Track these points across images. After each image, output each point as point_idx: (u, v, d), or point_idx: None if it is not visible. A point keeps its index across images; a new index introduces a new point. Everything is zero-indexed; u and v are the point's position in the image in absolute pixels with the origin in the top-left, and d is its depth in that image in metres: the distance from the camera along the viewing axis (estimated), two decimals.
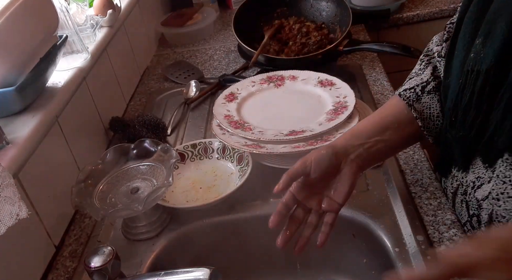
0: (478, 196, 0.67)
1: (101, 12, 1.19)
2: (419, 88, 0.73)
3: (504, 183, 0.61)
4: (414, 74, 0.77)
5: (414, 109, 0.73)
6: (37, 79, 0.87)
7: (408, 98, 0.73)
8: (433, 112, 0.73)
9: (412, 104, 0.73)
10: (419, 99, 0.73)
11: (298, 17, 1.39)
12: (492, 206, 0.65)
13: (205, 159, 0.98)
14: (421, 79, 0.74)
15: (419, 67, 0.77)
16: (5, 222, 0.63)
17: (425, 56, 0.78)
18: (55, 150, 0.89)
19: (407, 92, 0.74)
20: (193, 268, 0.65)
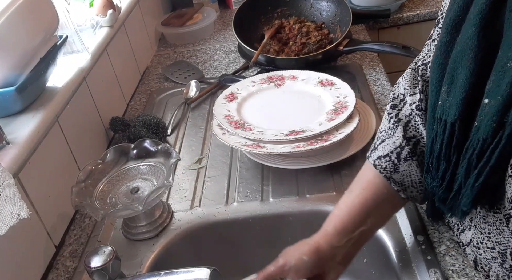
0: (463, 240, 0.66)
1: (101, 12, 1.19)
2: (394, 156, 0.65)
3: (482, 233, 0.59)
4: (385, 134, 0.67)
5: (393, 182, 0.65)
6: (37, 79, 0.87)
7: (385, 169, 0.65)
8: (414, 179, 0.65)
9: (391, 176, 0.65)
10: (396, 169, 0.65)
11: (298, 17, 1.39)
12: (475, 253, 0.64)
13: None
14: (394, 143, 0.65)
15: (388, 125, 0.67)
16: (6, 222, 0.63)
17: (392, 107, 0.67)
18: (55, 150, 0.89)
19: (382, 161, 0.66)
20: (193, 268, 0.64)
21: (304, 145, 0.89)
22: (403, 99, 0.67)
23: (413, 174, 0.65)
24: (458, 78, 0.53)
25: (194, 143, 1.09)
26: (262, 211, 0.87)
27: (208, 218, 0.87)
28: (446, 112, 0.54)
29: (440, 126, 0.56)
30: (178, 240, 0.85)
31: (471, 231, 0.63)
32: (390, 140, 0.66)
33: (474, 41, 0.51)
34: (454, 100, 0.53)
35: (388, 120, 0.67)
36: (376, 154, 0.67)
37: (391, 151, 0.65)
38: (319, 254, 0.64)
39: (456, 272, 0.68)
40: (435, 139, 0.57)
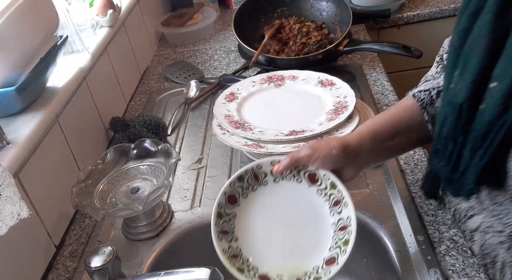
0: (470, 226, 0.67)
1: (101, 12, 1.19)
2: (434, 92, 0.72)
3: (493, 216, 0.61)
4: (431, 77, 0.75)
5: (426, 112, 0.71)
6: (38, 79, 0.87)
7: (422, 100, 0.72)
8: None
9: (426, 107, 0.71)
10: (432, 102, 0.71)
11: (298, 17, 1.39)
12: (483, 238, 0.65)
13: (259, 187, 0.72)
14: (438, 83, 0.72)
15: (436, 70, 0.75)
16: (7, 222, 0.63)
17: (440, 59, 0.76)
18: (55, 150, 0.89)
19: (422, 93, 0.72)
20: (193, 268, 0.64)
21: (304, 145, 0.89)
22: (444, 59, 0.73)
23: None
24: (470, 63, 0.56)
25: (194, 143, 1.09)
26: None
27: (208, 218, 0.87)
28: (457, 94, 0.57)
29: (449, 108, 0.59)
30: (178, 240, 0.85)
31: (482, 215, 0.64)
32: (434, 81, 0.73)
33: (488, 27, 0.54)
34: (465, 83, 0.56)
35: (436, 66, 0.75)
36: (418, 89, 0.74)
37: (433, 87, 0.72)
38: (347, 151, 0.67)
39: (456, 272, 0.68)
40: (445, 121, 0.60)
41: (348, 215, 0.65)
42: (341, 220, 0.66)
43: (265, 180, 0.70)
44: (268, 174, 0.70)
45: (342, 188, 0.66)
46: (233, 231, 0.69)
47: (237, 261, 0.67)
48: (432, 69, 0.76)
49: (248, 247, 0.68)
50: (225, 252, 0.67)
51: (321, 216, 0.68)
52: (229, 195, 0.70)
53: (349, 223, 0.64)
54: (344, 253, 0.64)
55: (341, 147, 0.66)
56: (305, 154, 0.67)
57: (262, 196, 0.70)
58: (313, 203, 0.68)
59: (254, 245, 0.68)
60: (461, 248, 0.71)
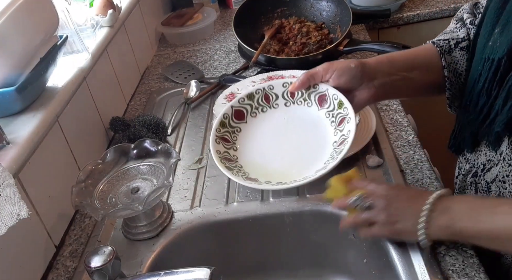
0: (487, 178, 0.69)
1: (101, 12, 1.19)
2: (453, 42, 0.75)
3: (510, 165, 0.63)
4: (449, 31, 0.78)
5: (444, 59, 0.74)
6: (38, 79, 0.87)
7: (441, 47, 0.75)
8: (459, 68, 0.74)
9: (444, 54, 0.75)
10: (450, 51, 0.75)
11: (298, 17, 1.39)
12: (499, 188, 0.66)
13: (269, 109, 0.74)
14: (457, 35, 0.76)
15: (455, 26, 0.78)
16: (6, 222, 0.63)
17: (459, 19, 0.79)
18: (55, 150, 0.89)
19: (441, 42, 0.76)
20: (193, 268, 0.65)
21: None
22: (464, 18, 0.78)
23: (460, 63, 0.74)
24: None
25: (194, 143, 1.09)
26: (262, 211, 0.87)
27: (208, 218, 0.87)
28: (496, 50, 0.60)
29: (487, 64, 0.61)
30: (178, 240, 0.85)
31: (499, 166, 0.65)
32: (454, 33, 0.77)
33: None
34: (506, 38, 0.59)
35: (455, 23, 0.79)
36: (438, 37, 0.78)
37: (452, 38, 0.76)
38: (364, 67, 0.68)
39: (456, 272, 0.68)
40: (478, 78, 0.63)
41: (349, 129, 0.66)
42: (342, 136, 0.66)
43: (276, 102, 0.71)
44: (280, 96, 0.70)
45: (348, 106, 0.66)
46: (234, 142, 0.69)
47: (230, 163, 0.66)
48: (451, 25, 0.80)
49: (245, 158, 0.68)
50: (219, 153, 0.66)
51: (324, 136, 0.68)
52: (236, 110, 0.69)
53: (347, 135, 0.65)
54: (335, 160, 0.65)
55: (358, 62, 0.68)
56: (321, 68, 0.68)
57: (270, 117, 0.71)
58: (319, 125, 0.69)
59: (252, 158, 0.68)
60: (461, 248, 0.71)
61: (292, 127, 0.70)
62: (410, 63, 0.74)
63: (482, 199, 0.65)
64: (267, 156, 0.69)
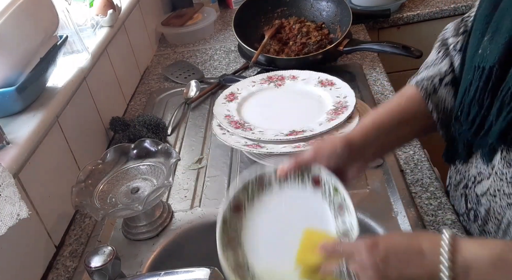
0: (478, 191, 0.68)
1: (101, 12, 1.19)
2: (437, 79, 0.71)
3: (501, 180, 0.62)
4: (431, 63, 0.74)
5: (430, 101, 0.71)
6: (38, 79, 0.87)
7: (425, 89, 0.71)
8: (447, 106, 0.71)
9: (429, 96, 0.71)
10: (435, 91, 0.71)
11: (298, 17, 1.39)
12: (489, 202, 0.65)
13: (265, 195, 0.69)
14: (439, 69, 0.72)
15: (437, 56, 0.74)
16: (6, 222, 0.63)
17: (441, 45, 0.75)
18: (55, 150, 0.89)
19: (425, 82, 0.72)
20: (193, 268, 0.65)
21: (304, 145, 0.89)
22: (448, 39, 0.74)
23: (448, 100, 0.71)
24: (502, 26, 0.57)
25: (194, 143, 1.09)
26: None
27: (208, 218, 0.87)
28: (486, 58, 0.58)
29: (477, 73, 0.59)
30: (178, 240, 0.85)
31: (490, 180, 0.64)
32: (436, 67, 0.72)
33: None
34: (496, 46, 0.57)
35: (437, 52, 0.74)
36: (420, 77, 0.73)
37: (436, 75, 0.71)
38: (351, 146, 0.66)
39: None
40: (469, 87, 0.61)
41: (350, 221, 0.62)
42: (344, 226, 0.64)
43: (270, 188, 0.69)
44: (273, 182, 0.69)
45: (344, 193, 0.64)
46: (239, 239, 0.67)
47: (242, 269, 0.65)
48: (432, 55, 0.75)
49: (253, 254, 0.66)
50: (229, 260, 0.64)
51: (326, 222, 0.65)
52: (234, 204, 0.68)
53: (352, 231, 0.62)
54: None
55: (345, 144, 0.66)
56: (308, 154, 0.66)
57: (267, 203, 0.68)
58: (318, 208, 0.66)
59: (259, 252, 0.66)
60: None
61: (291, 212, 0.67)
62: (397, 122, 0.70)
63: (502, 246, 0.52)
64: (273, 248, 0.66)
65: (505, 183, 0.61)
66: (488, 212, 0.67)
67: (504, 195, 0.62)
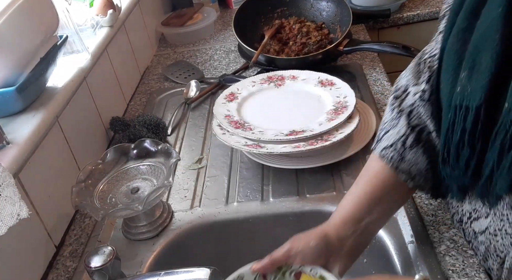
0: (475, 228, 0.65)
1: (101, 12, 1.19)
2: (399, 145, 0.65)
3: (502, 220, 0.59)
4: (388, 125, 0.68)
5: (401, 171, 0.65)
6: (38, 79, 0.87)
7: (391, 159, 0.65)
8: (420, 167, 0.65)
9: (398, 166, 0.65)
10: (403, 158, 0.65)
11: (298, 17, 1.39)
12: (489, 241, 0.63)
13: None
14: (398, 132, 0.65)
15: (391, 116, 0.67)
16: (6, 222, 0.63)
17: (394, 98, 0.68)
18: (55, 150, 0.89)
19: (388, 151, 0.65)
20: (193, 268, 0.65)
21: (304, 145, 0.89)
22: (405, 90, 0.67)
23: (420, 162, 0.64)
24: (481, 62, 0.52)
25: (194, 143, 1.09)
26: (262, 211, 0.87)
27: (208, 218, 0.87)
28: (468, 97, 0.53)
29: (460, 113, 0.55)
30: (178, 240, 0.85)
31: (489, 219, 0.61)
32: (394, 130, 0.66)
33: (500, 21, 0.50)
34: (478, 84, 0.52)
35: (391, 110, 0.68)
36: (381, 145, 0.67)
37: (396, 140, 0.65)
38: (326, 241, 0.63)
39: (456, 272, 0.68)
40: (452, 128, 0.56)
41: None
42: None
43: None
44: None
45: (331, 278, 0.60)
46: None
47: None
48: (387, 114, 0.69)
49: None
50: None
51: None
52: None
53: None
54: None
55: (319, 237, 0.63)
56: (282, 251, 0.63)
57: None
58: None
59: None
60: (461, 248, 0.71)
61: None
62: (368, 207, 0.66)
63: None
64: None
65: (507, 223, 0.58)
66: (488, 249, 0.64)
67: (507, 234, 0.59)
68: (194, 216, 0.88)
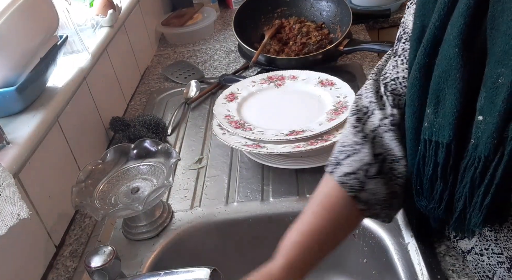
0: (462, 247, 0.66)
1: (101, 12, 1.19)
2: (362, 173, 0.61)
3: (487, 240, 0.59)
4: (350, 149, 0.63)
5: (359, 201, 0.61)
6: (38, 79, 0.87)
7: (352, 187, 0.61)
8: (379, 197, 0.62)
9: (357, 195, 0.61)
10: (363, 187, 0.61)
11: (298, 17, 1.39)
12: (476, 260, 0.63)
13: None
14: (361, 160, 0.62)
15: (355, 140, 0.63)
16: (6, 222, 0.63)
17: (357, 120, 0.64)
18: (55, 150, 0.89)
19: (349, 178, 0.61)
20: (193, 268, 0.65)
21: (304, 145, 0.89)
22: (367, 112, 0.64)
23: (379, 192, 0.62)
24: (445, 99, 0.52)
25: (194, 143, 1.09)
26: (262, 211, 0.87)
27: (208, 218, 0.87)
28: (437, 133, 0.54)
29: (430, 147, 0.55)
30: (178, 240, 0.85)
31: (474, 239, 0.62)
32: (357, 156, 0.62)
33: (458, 61, 0.50)
34: (445, 121, 0.53)
35: (354, 134, 0.63)
36: (342, 170, 0.62)
37: (359, 168, 0.61)
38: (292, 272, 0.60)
39: (456, 272, 0.68)
40: (423, 161, 0.56)
41: None
42: None
43: None
44: None
45: None
46: None
47: None
48: (349, 136, 0.64)
49: None
50: None
51: None
52: None
53: None
54: None
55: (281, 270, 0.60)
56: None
57: None
58: None
59: None
60: None
61: None
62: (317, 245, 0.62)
63: None
64: None
65: (492, 243, 0.58)
66: (477, 268, 0.64)
67: (493, 254, 0.59)
68: (194, 216, 0.88)
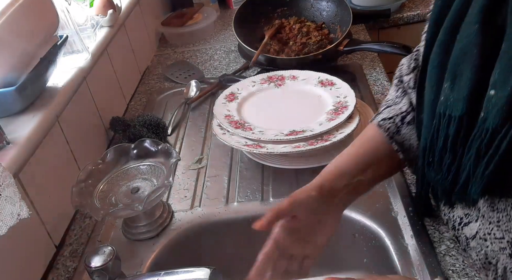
0: (467, 233, 0.66)
1: (101, 12, 1.19)
2: (398, 119, 0.71)
3: (490, 223, 0.60)
4: (391, 102, 0.74)
5: (395, 142, 0.71)
6: (38, 79, 0.87)
7: (388, 129, 0.71)
8: (413, 143, 0.70)
9: (393, 136, 0.71)
10: (399, 130, 0.71)
11: (299, 17, 1.39)
12: (480, 246, 0.63)
13: None
14: (400, 108, 0.72)
15: (396, 94, 0.74)
16: (6, 222, 0.63)
17: (399, 82, 0.75)
18: (56, 150, 0.89)
19: (386, 122, 0.72)
20: (193, 268, 0.65)
21: (304, 145, 0.89)
22: (406, 75, 0.73)
23: (413, 138, 0.70)
24: (462, 74, 0.55)
25: (194, 143, 1.09)
26: (262, 211, 0.86)
27: (208, 218, 0.87)
28: (451, 107, 0.56)
29: (443, 121, 0.58)
30: (178, 240, 0.85)
31: (478, 222, 0.62)
32: (396, 106, 0.72)
33: (478, 37, 0.53)
34: (460, 95, 0.55)
35: (396, 90, 0.74)
36: (381, 117, 0.73)
37: (397, 114, 0.71)
38: (322, 191, 0.67)
39: (456, 272, 0.68)
40: (437, 134, 0.59)
41: None
42: None
43: None
44: None
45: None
46: None
47: None
48: (392, 92, 0.75)
49: None
50: None
51: None
52: None
53: None
54: None
55: (316, 189, 0.67)
56: (286, 202, 0.66)
57: None
58: None
59: None
60: (461, 248, 0.71)
61: None
62: (361, 165, 0.70)
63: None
64: None
65: (495, 226, 0.59)
66: (480, 256, 0.64)
67: (495, 239, 0.60)
68: (194, 216, 0.88)
